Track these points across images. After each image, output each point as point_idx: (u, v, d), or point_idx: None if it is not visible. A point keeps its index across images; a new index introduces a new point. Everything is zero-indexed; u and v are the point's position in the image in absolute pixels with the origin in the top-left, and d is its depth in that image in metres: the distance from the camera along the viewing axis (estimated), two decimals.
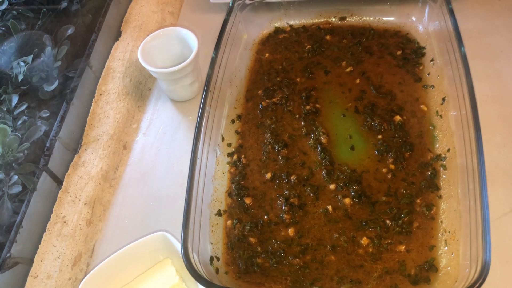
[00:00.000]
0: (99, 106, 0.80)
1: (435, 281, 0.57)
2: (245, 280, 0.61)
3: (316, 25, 0.86)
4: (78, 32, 0.85)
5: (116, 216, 0.72)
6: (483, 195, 0.52)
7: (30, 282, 0.63)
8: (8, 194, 0.68)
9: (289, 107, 0.76)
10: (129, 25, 0.90)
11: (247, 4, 0.81)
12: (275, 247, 0.62)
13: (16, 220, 0.65)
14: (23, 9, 0.88)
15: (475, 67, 0.65)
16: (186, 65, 0.73)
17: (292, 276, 0.60)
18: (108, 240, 0.70)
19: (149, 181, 0.75)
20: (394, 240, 0.61)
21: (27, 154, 0.71)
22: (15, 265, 0.63)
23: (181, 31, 0.78)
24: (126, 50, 0.86)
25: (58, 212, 0.69)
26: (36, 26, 0.85)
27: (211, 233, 0.64)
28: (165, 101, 0.84)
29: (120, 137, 0.78)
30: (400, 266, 0.59)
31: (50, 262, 0.65)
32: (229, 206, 0.67)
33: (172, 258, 0.63)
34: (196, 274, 0.52)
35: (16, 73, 0.79)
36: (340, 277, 0.59)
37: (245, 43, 0.83)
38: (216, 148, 0.70)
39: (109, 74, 0.83)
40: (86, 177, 0.72)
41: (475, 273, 0.49)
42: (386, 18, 0.83)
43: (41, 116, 0.75)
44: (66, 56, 0.81)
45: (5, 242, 0.63)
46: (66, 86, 0.78)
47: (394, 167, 0.66)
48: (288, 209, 0.65)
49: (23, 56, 0.81)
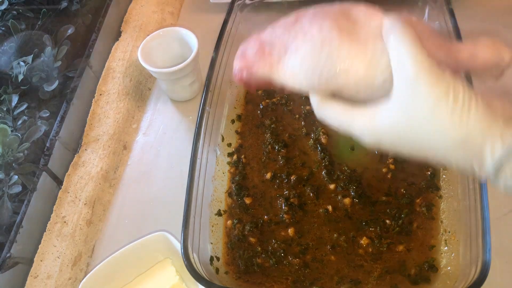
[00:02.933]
0: (99, 106, 0.80)
1: (435, 281, 0.57)
2: (245, 280, 0.61)
3: None
4: (78, 32, 0.85)
5: (116, 216, 0.72)
6: (483, 195, 0.52)
7: (30, 282, 0.64)
8: (8, 194, 0.68)
9: (289, 107, 0.76)
10: (129, 25, 0.90)
11: (247, 4, 0.81)
12: (275, 247, 0.62)
13: (16, 220, 0.65)
14: (23, 9, 0.88)
15: None
16: (186, 65, 0.73)
17: (293, 276, 0.60)
18: (108, 240, 0.70)
19: (149, 181, 0.75)
20: (394, 240, 0.61)
21: (27, 154, 0.71)
22: (15, 265, 0.63)
23: (181, 31, 0.78)
24: (126, 50, 0.86)
25: (58, 212, 0.69)
26: (36, 26, 0.86)
27: (211, 233, 0.64)
28: (165, 101, 0.84)
29: (120, 137, 0.78)
30: (400, 266, 0.59)
31: (50, 262, 0.65)
32: (229, 206, 0.67)
33: (172, 258, 0.63)
34: (196, 274, 0.52)
35: (16, 73, 0.79)
36: (340, 277, 0.59)
37: None
38: (216, 148, 0.70)
39: (109, 74, 0.83)
40: (86, 177, 0.72)
41: (475, 273, 0.49)
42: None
43: (41, 116, 0.75)
44: (66, 56, 0.81)
45: (5, 242, 0.63)
46: (66, 86, 0.78)
47: (394, 167, 0.66)
48: (288, 209, 0.65)
49: (23, 56, 0.81)
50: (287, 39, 0.40)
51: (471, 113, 0.32)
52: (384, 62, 0.37)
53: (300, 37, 0.39)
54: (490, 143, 0.32)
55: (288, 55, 0.40)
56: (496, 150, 0.32)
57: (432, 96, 0.33)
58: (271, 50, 0.41)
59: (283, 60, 0.40)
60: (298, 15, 0.42)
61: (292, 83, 0.40)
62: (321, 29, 0.38)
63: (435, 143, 0.34)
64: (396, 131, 0.36)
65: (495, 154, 0.32)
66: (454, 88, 0.33)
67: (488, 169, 0.33)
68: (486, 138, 0.32)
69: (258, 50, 0.41)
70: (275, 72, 0.40)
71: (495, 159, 0.32)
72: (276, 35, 0.41)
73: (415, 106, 0.34)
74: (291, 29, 0.41)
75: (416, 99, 0.34)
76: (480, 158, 0.33)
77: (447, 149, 0.34)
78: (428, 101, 0.33)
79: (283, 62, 0.40)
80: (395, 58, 0.36)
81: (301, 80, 0.39)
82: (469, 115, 0.32)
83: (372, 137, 0.37)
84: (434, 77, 0.33)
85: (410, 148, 0.36)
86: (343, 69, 0.37)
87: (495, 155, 0.32)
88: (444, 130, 0.33)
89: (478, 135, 0.32)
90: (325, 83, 0.38)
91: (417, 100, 0.34)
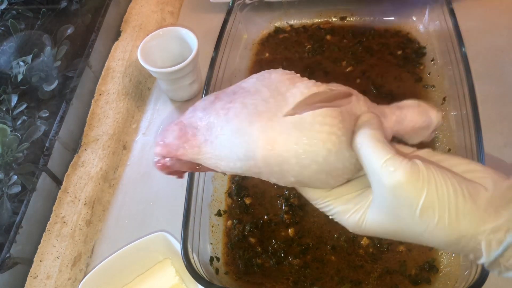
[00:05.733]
0: (98, 106, 0.80)
1: (435, 282, 0.57)
2: (245, 280, 0.61)
3: (316, 25, 0.86)
4: (78, 32, 0.85)
5: (116, 216, 0.72)
6: None
7: (30, 282, 0.63)
8: (7, 194, 0.67)
9: None
10: (129, 25, 0.90)
11: (247, 4, 0.81)
12: (276, 247, 0.62)
13: (15, 220, 0.65)
14: (23, 9, 0.88)
15: (475, 67, 0.65)
16: (186, 65, 0.73)
17: (293, 276, 0.60)
18: (107, 240, 0.69)
19: (149, 181, 0.75)
20: (394, 240, 0.60)
21: (27, 154, 0.70)
22: (15, 265, 0.63)
23: (180, 31, 0.78)
24: (126, 50, 0.86)
25: (58, 212, 0.69)
26: (35, 26, 0.85)
27: (211, 233, 0.64)
28: (165, 101, 0.84)
29: (119, 137, 0.78)
30: (400, 266, 0.59)
31: (49, 262, 0.65)
32: (229, 206, 0.67)
33: (172, 258, 0.63)
34: (196, 275, 0.52)
35: (16, 73, 0.79)
36: (340, 277, 0.59)
37: (245, 43, 0.83)
38: None
39: (108, 74, 0.83)
40: (85, 177, 0.72)
41: (475, 274, 0.49)
42: (386, 18, 0.83)
43: (40, 116, 0.75)
44: (66, 56, 0.81)
45: (4, 242, 0.63)
46: (66, 86, 0.78)
47: None
48: (288, 209, 0.64)
49: (23, 56, 0.81)
50: (208, 119, 0.38)
51: (460, 215, 0.31)
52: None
53: (222, 115, 0.37)
54: (485, 241, 0.31)
55: (213, 135, 0.37)
56: (493, 247, 0.31)
57: (413, 205, 0.32)
58: (194, 132, 0.38)
59: (210, 141, 0.37)
60: (216, 95, 0.39)
61: (225, 167, 0.37)
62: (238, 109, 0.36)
63: (427, 240, 0.33)
64: (385, 231, 0.35)
65: (491, 251, 0.31)
66: (435, 189, 0.31)
67: (484, 262, 0.32)
68: (480, 238, 0.31)
69: (179, 134, 0.38)
70: (203, 154, 0.38)
71: (491, 257, 0.31)
72: (198, 116, 0.38)
73: (401, 211, 0.32)
74: (211, 108, 0.38)
75: (400, 206, 0.32)
76: (475, 253, 0.32)
77: (440, 245, 0.33)
78: (410, 211, 0.32)
79: (210, 143, 0.37)
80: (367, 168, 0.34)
81: (234, 162, 0.37)
82: (458, 216, 0.31)
83: (362, 233, 0.37)
84: (413, 178, 0.31)
85: (403, 240, 0.35)
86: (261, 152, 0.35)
87: (491, 252, 0.31)
88: (435, 234, 0.32)
89: (471, 236, 0.31)
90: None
91: (401, 207, 0.32)
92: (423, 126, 0.41)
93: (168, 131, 0.39)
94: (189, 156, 0.38)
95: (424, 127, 0.41)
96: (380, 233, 0.35)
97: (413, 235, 0.33)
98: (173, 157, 0.39)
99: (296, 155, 0.35)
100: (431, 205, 0.31)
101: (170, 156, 0.39)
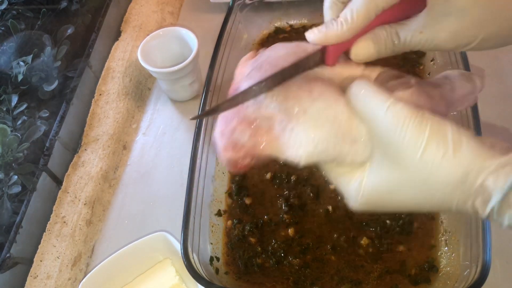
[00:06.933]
0: (98, 106, 0.80)
1: (435, 281, 0.57)
2: (245, 280, 0.61)
3: (316, 25, 0.86)
4: (78, 32, 0.85)
5: (116, 216, 0.72)
6: None
7: (30, 282, 0.63)
8: (7, 194, 0.68)
9: None
10: (129, 25, 0.90)
11: (247, 4, 0.81)
12: (276, 247, 0.62)
13: (15, 220, 0.65)
14: (23, 9, 0.88)
15: (475, 67, 0.65)
16: (186, 65, 0.73)
17: (293, 276, 0.60)
18: (108, 240, 0.69)
19: (149, 181, 0.75)
20: (394, 240, 0.60)
21: (27, 154, 0.70)
22: (15, 265, 0.63)
23: (181, 31, 0.78)
24: (126, 50, 0.86)
25: (58, 212, 0.69)
26: (35, 26, 0.85)
27: (211, 233, 0.64)
28: (165, 101, 0.84)
29: (119, 137, 0.78)
30: (400, 266, 0.59)
31: (49, 262, 0.65)
32: (229, 206, 0.67)
33: (172, 258, 0.63)
34: (196, 275, 0.52)
35: (16, 73, 0.79)
36: (340, 277, 0.59)
37: (245, 43, 0.83)
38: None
39: (108, 74, 0.83)
40: (85, 177, 0.72)
41: (475, 274, 0.49)
42: None
43: (40, 116, 0.75)
44: (66, 56, 0.81)
45: (4, 242, 0.63)
46: (66, 86, 0.78)
47: None
48: (288, 209, 0.64)
49: (23, 56, 0.81)
50: (286, 105, 0.35)
51: (464, 149, 0.30)
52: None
53: (305, 96, 0.35)
54: (492, 177, 0.29)
55: (290, 127, 0.35)
56: (500, 182, 0.29)
57: (418, 142, 0.31)
58: (270, 125, 0.35)
59: (287, 134, 0.35)
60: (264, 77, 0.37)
61: (306, 157, 0.35)
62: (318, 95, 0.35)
63: (431, 190, 0.32)
64: (386, 189, 0.34)
65: (498, 185, 0.29)
66: (438, 125, 0.31)
67: (492, 205, 0.30)
68: (486, 173, 0.30)
69: (249, 130, 0.36)
70: (279, 148, 0.35)
71: (500, 193, 0.29)
72: (270, 106, 0.36)
73: (405, 155, 0.31)
74: (286, 93, 0.36)
75: (404, 148, 0.31)
76: (483, 195, 0.30)
77: (444, 193, 0.31)
78: (415, 149, 0.31)
79: (288, 136, 0.35)
80: (364, 116, 0.34)
81: (312, 153, 0.35)
82: (461, 152, 0.30)
83: (361, 205, 0.35)
84: (416, 120, 0.31)
85: (403, 202, 0.34)
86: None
87: (498, 188, 0.29)
88: (439, 174, 0.31)
89: (477, 171, 0.30)
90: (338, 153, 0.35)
91: (405, 149, 0.31)
92: (471, 91, 0.41)
93: (232, 130, 0.37)
94: (269, 153, 0.36)
95: (471, 92, 0.41)
96: (379, 198, 0.34)
97: (416, 186, 0.32)
98: (251, 157, 0.36)
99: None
100: (435, 140, 0.31)
101: (248, 158, 0.36)
